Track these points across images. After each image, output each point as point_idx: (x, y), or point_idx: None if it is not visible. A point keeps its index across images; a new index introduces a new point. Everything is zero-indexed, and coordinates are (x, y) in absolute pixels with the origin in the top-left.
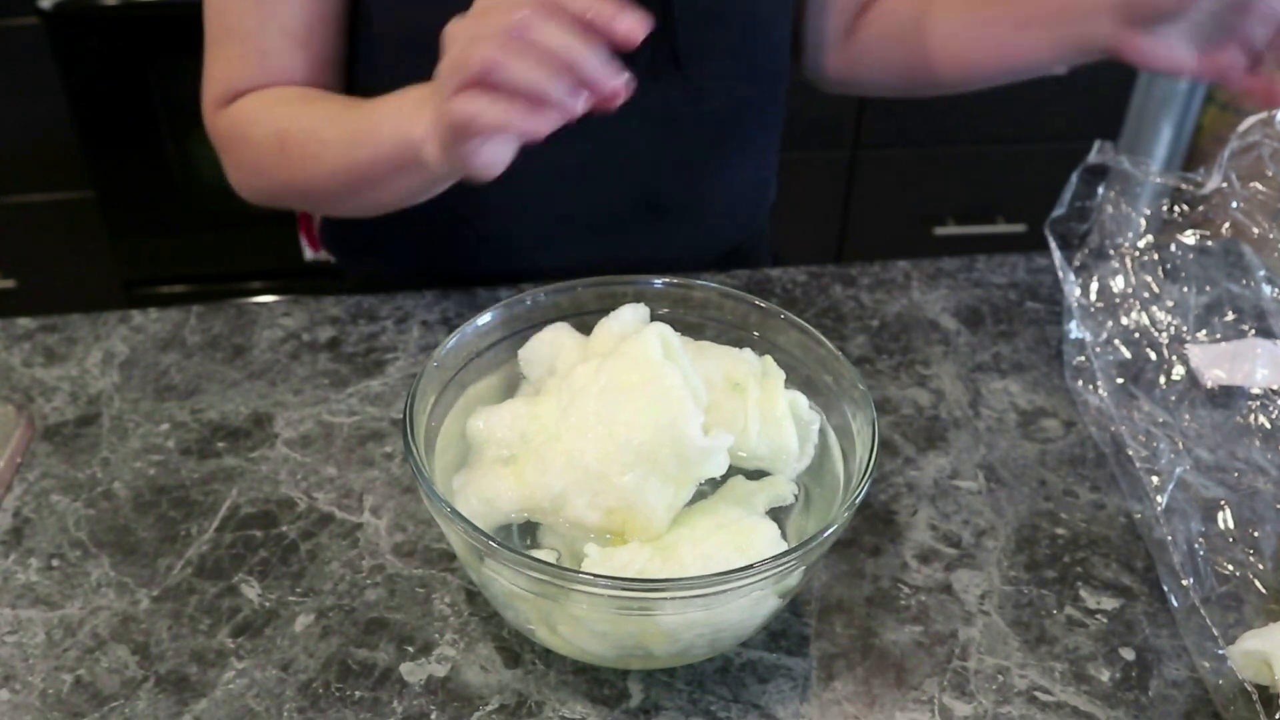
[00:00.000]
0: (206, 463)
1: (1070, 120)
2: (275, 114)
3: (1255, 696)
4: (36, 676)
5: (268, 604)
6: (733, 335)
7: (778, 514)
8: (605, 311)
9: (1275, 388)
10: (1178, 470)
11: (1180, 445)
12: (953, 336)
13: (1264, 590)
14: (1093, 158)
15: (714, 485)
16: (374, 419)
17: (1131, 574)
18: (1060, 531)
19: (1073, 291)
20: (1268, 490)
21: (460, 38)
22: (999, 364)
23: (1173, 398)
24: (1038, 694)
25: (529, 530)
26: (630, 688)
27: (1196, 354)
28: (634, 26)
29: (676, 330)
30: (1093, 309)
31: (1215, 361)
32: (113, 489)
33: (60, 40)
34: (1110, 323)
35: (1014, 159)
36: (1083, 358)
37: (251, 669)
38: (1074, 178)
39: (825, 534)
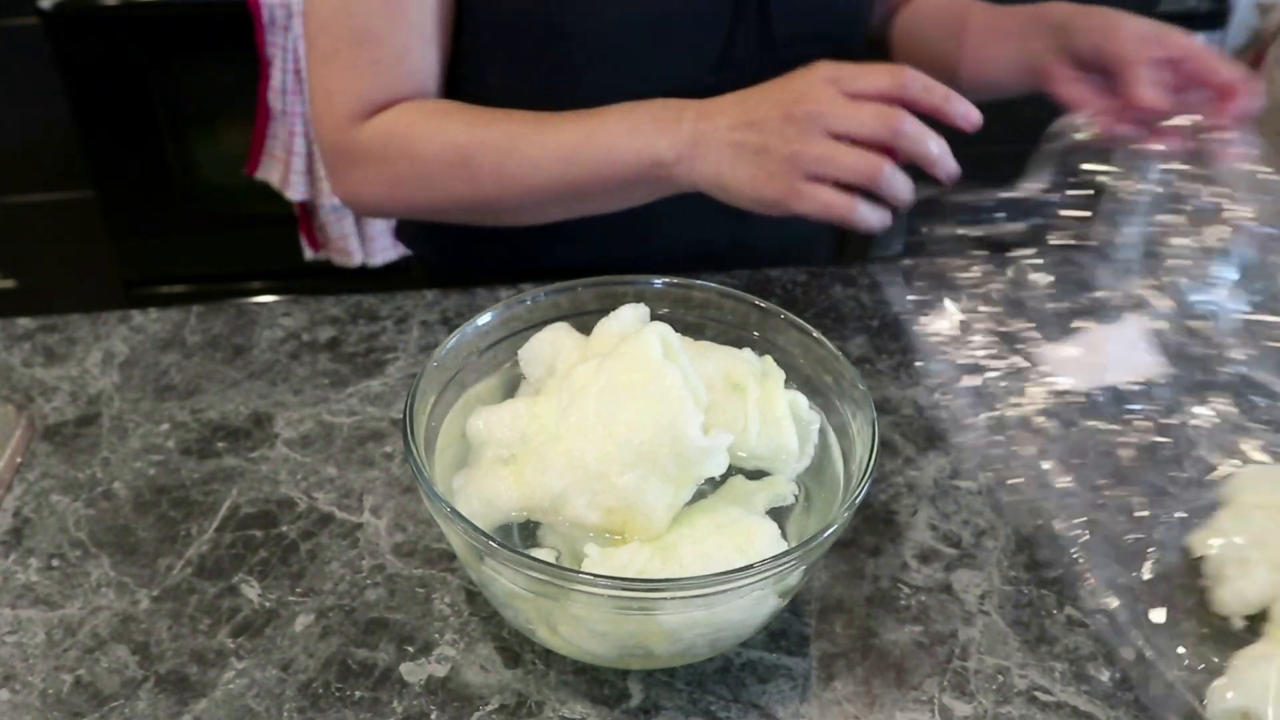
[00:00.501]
0: (206, 463)
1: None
2: (448, 129)
3: None
4: (36, 676)
5: (268, 604)
6: (733, 335)
7: (778, 514)
8: (605, 311)
9: (1131, 379)
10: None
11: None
12: None
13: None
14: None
15: (714, 485)
16: (374, 419)
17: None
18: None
19: (924, 330)
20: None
21: (820, 124)
22: None
23: (1041, 420)
24: (1038, 694)
25: (529, 530)
26: (630, 688)
27: (1051, 360)
28: (969, 112)
29: (676, 330)
30: (945, 343)
31: (1068, 367)
32: (113, 489)
33: (60, 40)
34: (967, 352)
35: (1014, 159)
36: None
37: (251, 669)
38: (905, 215)
39: (825, 534)
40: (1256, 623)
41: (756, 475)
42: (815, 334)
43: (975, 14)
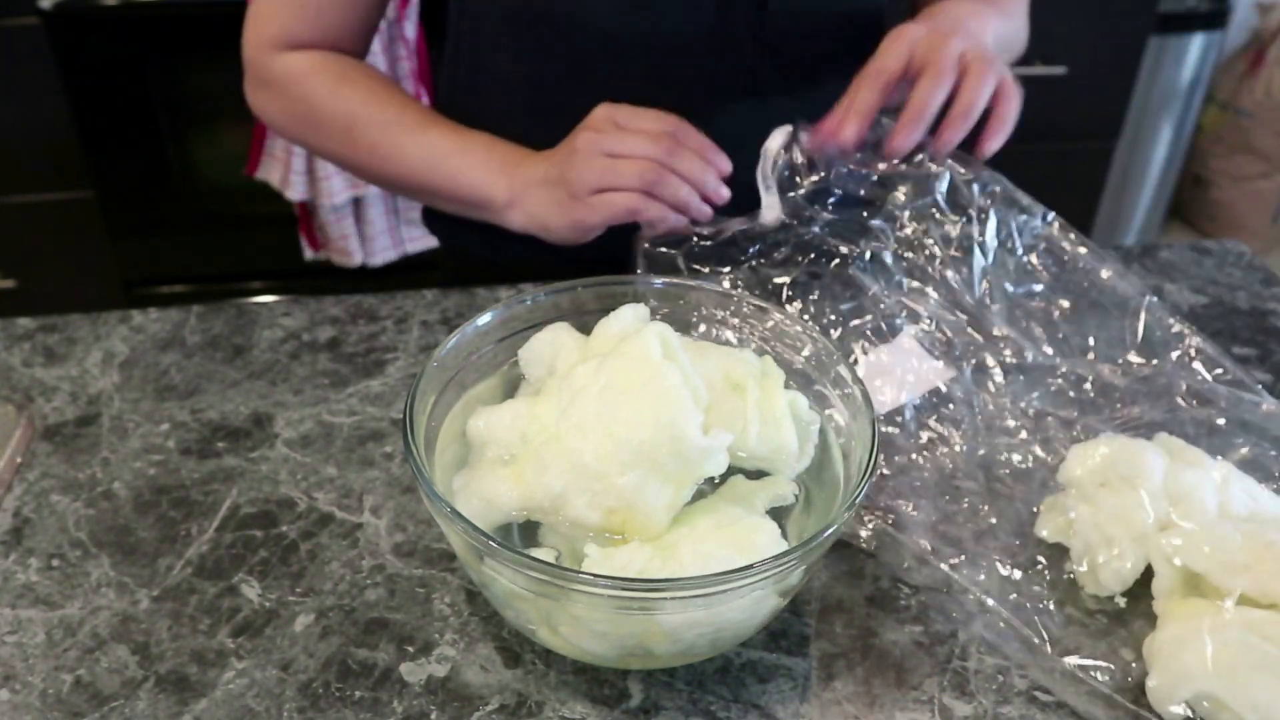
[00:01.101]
0: (206, 463)
1: (1071, 120)
2: (344, 94)
3: None
4: (36, 676)
5: (268, 604)
6: (733, 335)
7: (778, 514)
8: (605, 311)
9: (922, 393)
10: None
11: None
12: None
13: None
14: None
15: (714, 485)
16: (374, 419)
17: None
18: None
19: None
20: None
21: (598, 148)
22: None
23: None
24: (1038, 694)
25: (529, 530)
26: (630, 688)
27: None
28: (719, 190)
29: (676, 330)
30: None
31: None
32: (113, 489)
33: (60, 40)
34: None
35: (1015, 158)
36: None
37: (251, 669)
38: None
39: (825, 533)
40: (1135, 600)
41: (756, 475)
42: (815, 334)
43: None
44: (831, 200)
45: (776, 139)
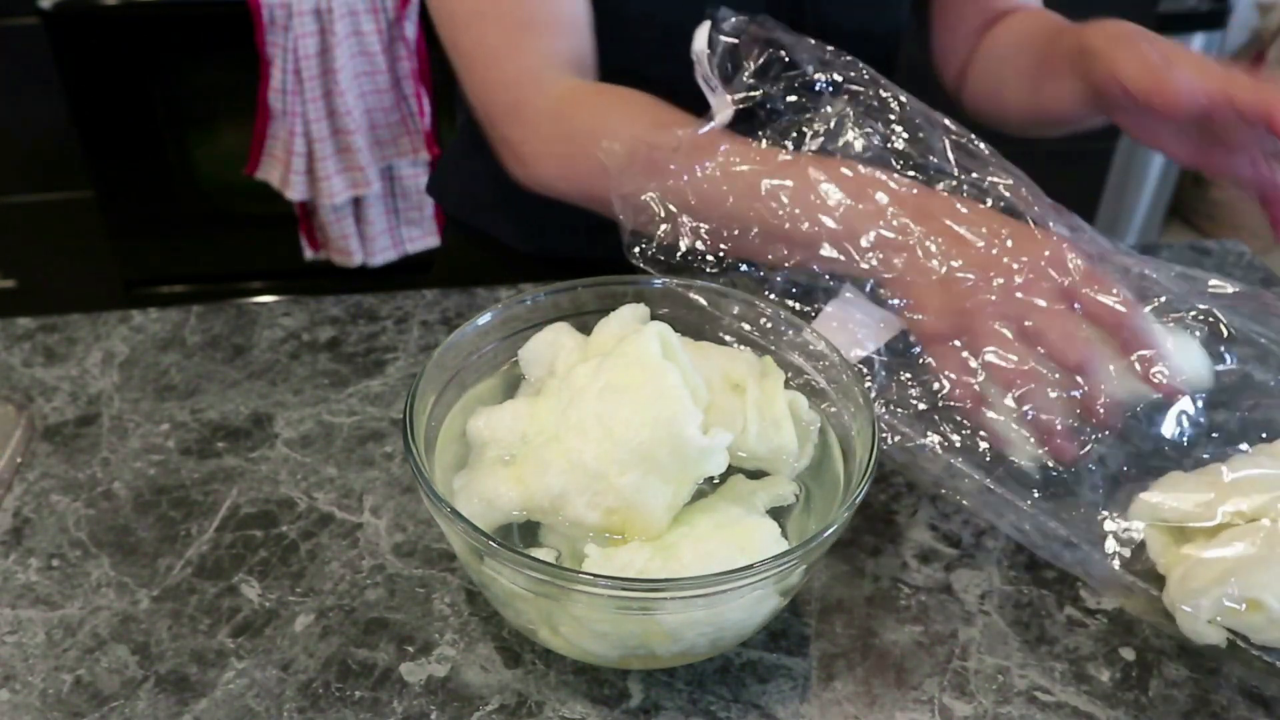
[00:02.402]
0: (206, 463)
1: None
2: (647, 117)
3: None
4: (36, 676)
5: (268, 604)
6: (733, 335)
7: (778, 514)
8: (605, 311)
9: (875, 347)
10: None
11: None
12: None
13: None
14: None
15: (714, 485)
16: (374, 419)
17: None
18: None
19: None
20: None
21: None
22: None
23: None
24: (1038, 694)
25: (529, 530)
26: (630, 688)
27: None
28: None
29: (676, 330)
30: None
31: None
32: (113, 489)
33: (60, 40)
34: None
35: (1015, 158)
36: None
37: (251, 669)
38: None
39: (826, 533)
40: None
41: (756, 475)
42: (815, 334)
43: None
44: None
45: (700, 37)
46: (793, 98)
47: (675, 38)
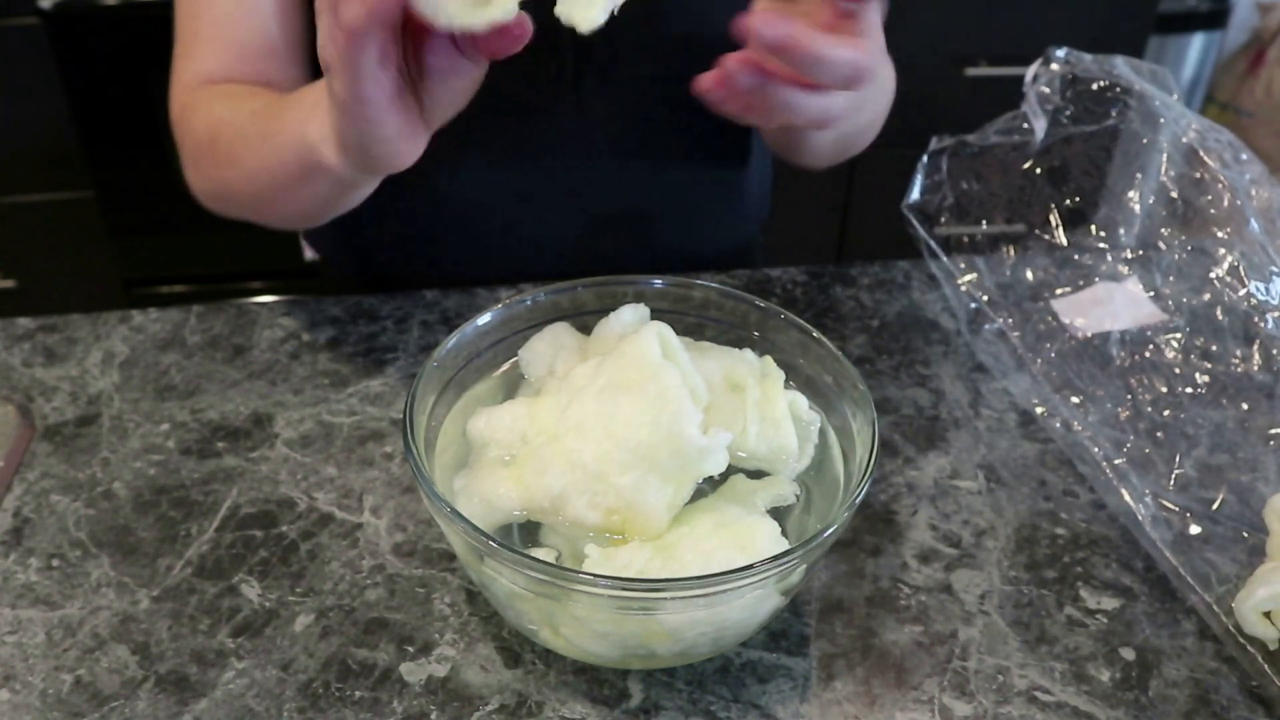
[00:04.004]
0: (206, 463)
1: None
2: (216, 108)
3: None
4: (36, 676)
5: (268, 604)
6: (733, 335)
7: (778, 514)
8: (605, 311)
9: (1134, 326)
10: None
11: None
12: (953, 336)
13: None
14: (934, 146)
15: (714, 485)
16: (374, 419)
17: (1131, 574)
18: (1060, 531)
19: (955, 276)
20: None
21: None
22: (999, 363)
23: (1053, 355)
24: (1038, 694)
25: (530, 530)
26: (630, 688)
27: (1062, 307)
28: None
29: (676, 330)
30: (972, 291)
31: (1079, 311)
32: (113, 489)
33: (60, 40)
34: (986, 298)
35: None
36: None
37: (251, 669)
38: (923, 160)
39: (826, 533)
40: None
41: (757, 475)
42: (815, 334)
43: None
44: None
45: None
46: None
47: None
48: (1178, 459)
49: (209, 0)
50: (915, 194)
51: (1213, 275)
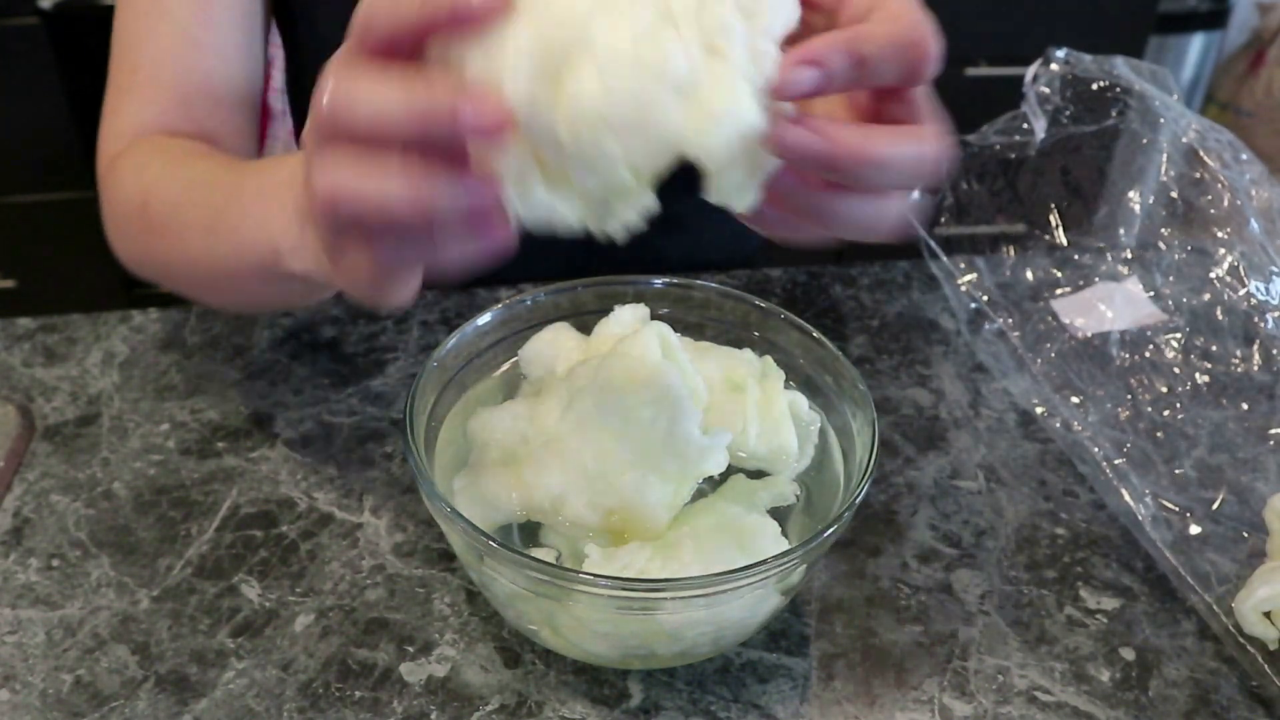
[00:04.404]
0: (206, 463)
1: None
2: (151, 168)
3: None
4: (36, 677)
5: (268, 604)
6: (733, 335)
7: (778, 514)
8: (605, 311)
9: (1134, 326)
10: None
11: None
12: (953, 336)
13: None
14: None
15: (714, 484)
16: (374, 419)
17: (1132, 574)
18: (1060, 531)
19: (956, 276)
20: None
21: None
22: (999, 363)
23: (1054, 355)
24: (1038, 694)
25: (530, 530)
26: (630, 688)
27: (1062, 307)
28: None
29: (676, 330)
30: (973, 291)
31: (1079, 311)
32: (113, 489)
33: (60, 40)
34: (986, 298)
35: None
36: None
37: (251, 669)
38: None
39: (826, 533)
40: None
41: (757, 475)
42: (815, 334)
43: None
44: None
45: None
46: None
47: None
48: (1178, 459)
49: (148, 34)
50: (915, 194)
51: (1213, 275)
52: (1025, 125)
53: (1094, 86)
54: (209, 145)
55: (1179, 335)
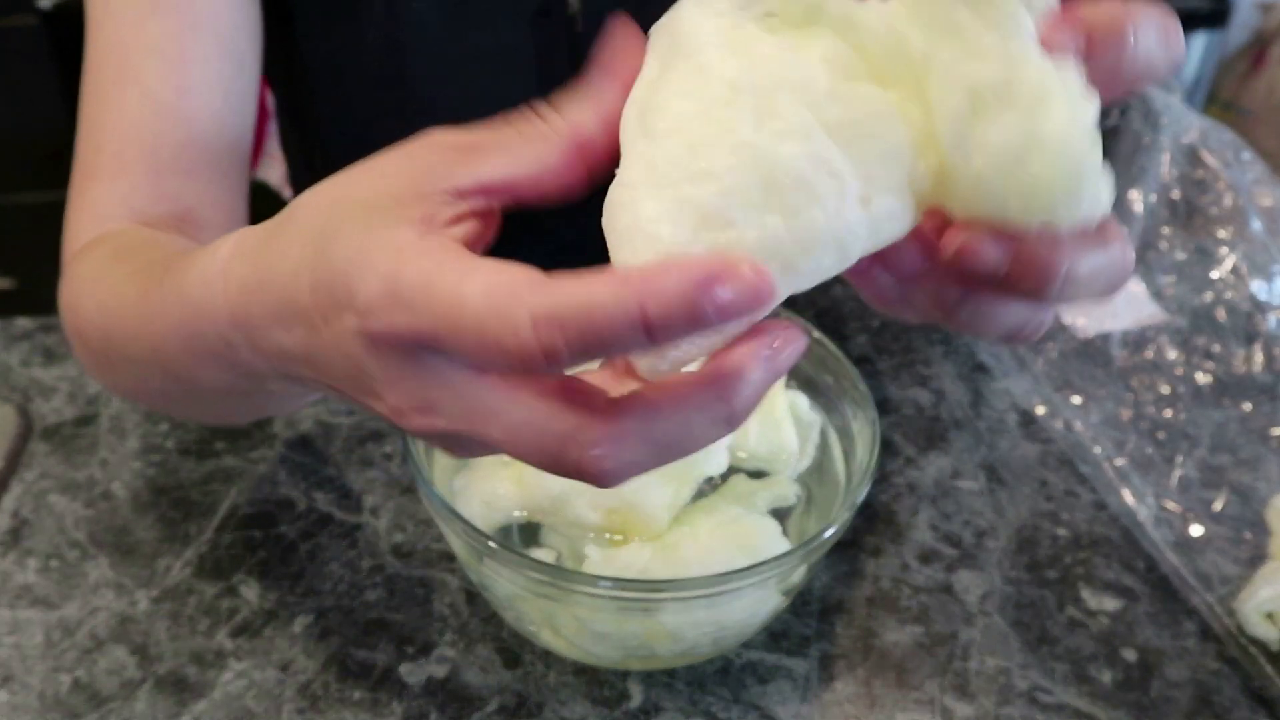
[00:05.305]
0: (206, 463)
1: None
2: (106, 281)
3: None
4: (35, 677)
5: (267, 604)
6: None
7: (779, 514)
8: None
9: (1135, 326)
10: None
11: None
12: (953, 336)
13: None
14: None
15: (714, 485)
16: (374, 419)
17: (1133, 575)
18: (1061, 532)
19: None
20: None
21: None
22: (1000, 363)
23: (1055, 355)
24: (1039, 695)
25: (530, 531)
26: (630, 688)
27: (1063, 306)
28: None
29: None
30: None
31: (1079, 310)
32: (111, 489)
33: (60, 40)
34: None
35: None
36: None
37: (251, 669)
38: None
39: (827, 533)
40: None
41: (757, 475)
42: (815, 334)
43: None
44: None
45: None
46: None
47: (444, 65)
48: (1179, 459)
49: (114, 106)
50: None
51: (1214, 275)
52: None
53: None
54: (175, 231)
55: (1180, 335)
